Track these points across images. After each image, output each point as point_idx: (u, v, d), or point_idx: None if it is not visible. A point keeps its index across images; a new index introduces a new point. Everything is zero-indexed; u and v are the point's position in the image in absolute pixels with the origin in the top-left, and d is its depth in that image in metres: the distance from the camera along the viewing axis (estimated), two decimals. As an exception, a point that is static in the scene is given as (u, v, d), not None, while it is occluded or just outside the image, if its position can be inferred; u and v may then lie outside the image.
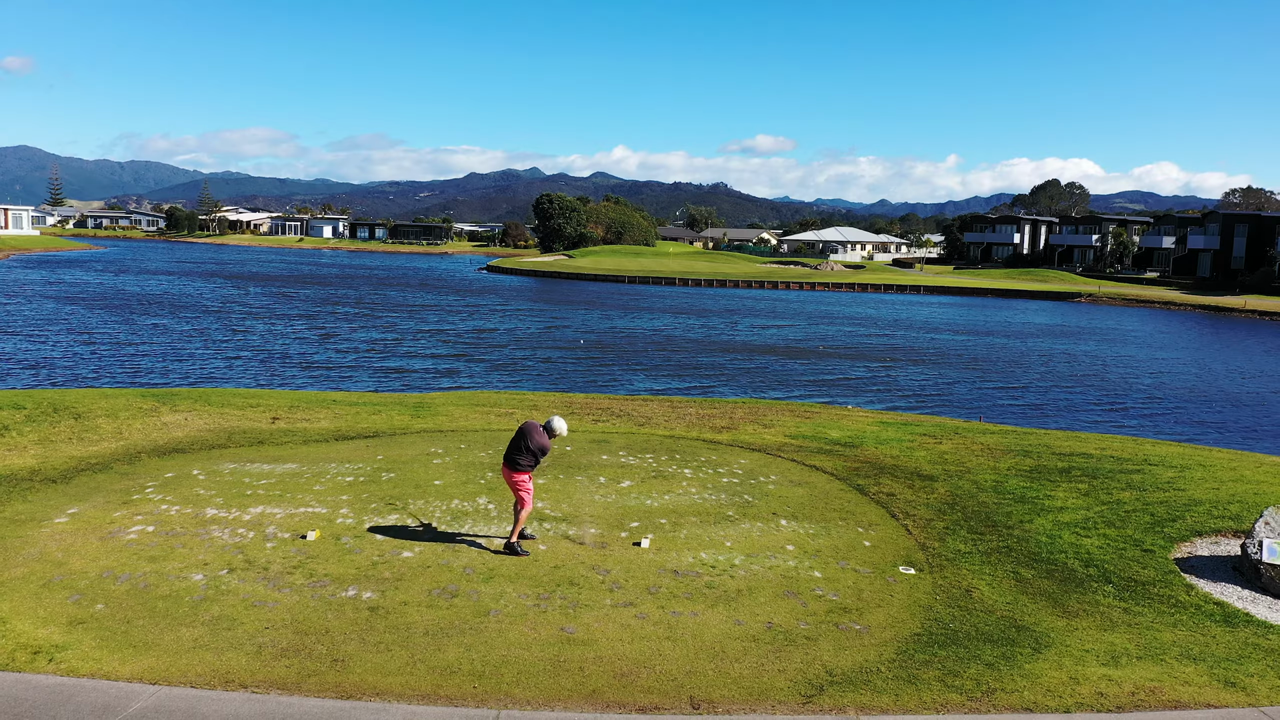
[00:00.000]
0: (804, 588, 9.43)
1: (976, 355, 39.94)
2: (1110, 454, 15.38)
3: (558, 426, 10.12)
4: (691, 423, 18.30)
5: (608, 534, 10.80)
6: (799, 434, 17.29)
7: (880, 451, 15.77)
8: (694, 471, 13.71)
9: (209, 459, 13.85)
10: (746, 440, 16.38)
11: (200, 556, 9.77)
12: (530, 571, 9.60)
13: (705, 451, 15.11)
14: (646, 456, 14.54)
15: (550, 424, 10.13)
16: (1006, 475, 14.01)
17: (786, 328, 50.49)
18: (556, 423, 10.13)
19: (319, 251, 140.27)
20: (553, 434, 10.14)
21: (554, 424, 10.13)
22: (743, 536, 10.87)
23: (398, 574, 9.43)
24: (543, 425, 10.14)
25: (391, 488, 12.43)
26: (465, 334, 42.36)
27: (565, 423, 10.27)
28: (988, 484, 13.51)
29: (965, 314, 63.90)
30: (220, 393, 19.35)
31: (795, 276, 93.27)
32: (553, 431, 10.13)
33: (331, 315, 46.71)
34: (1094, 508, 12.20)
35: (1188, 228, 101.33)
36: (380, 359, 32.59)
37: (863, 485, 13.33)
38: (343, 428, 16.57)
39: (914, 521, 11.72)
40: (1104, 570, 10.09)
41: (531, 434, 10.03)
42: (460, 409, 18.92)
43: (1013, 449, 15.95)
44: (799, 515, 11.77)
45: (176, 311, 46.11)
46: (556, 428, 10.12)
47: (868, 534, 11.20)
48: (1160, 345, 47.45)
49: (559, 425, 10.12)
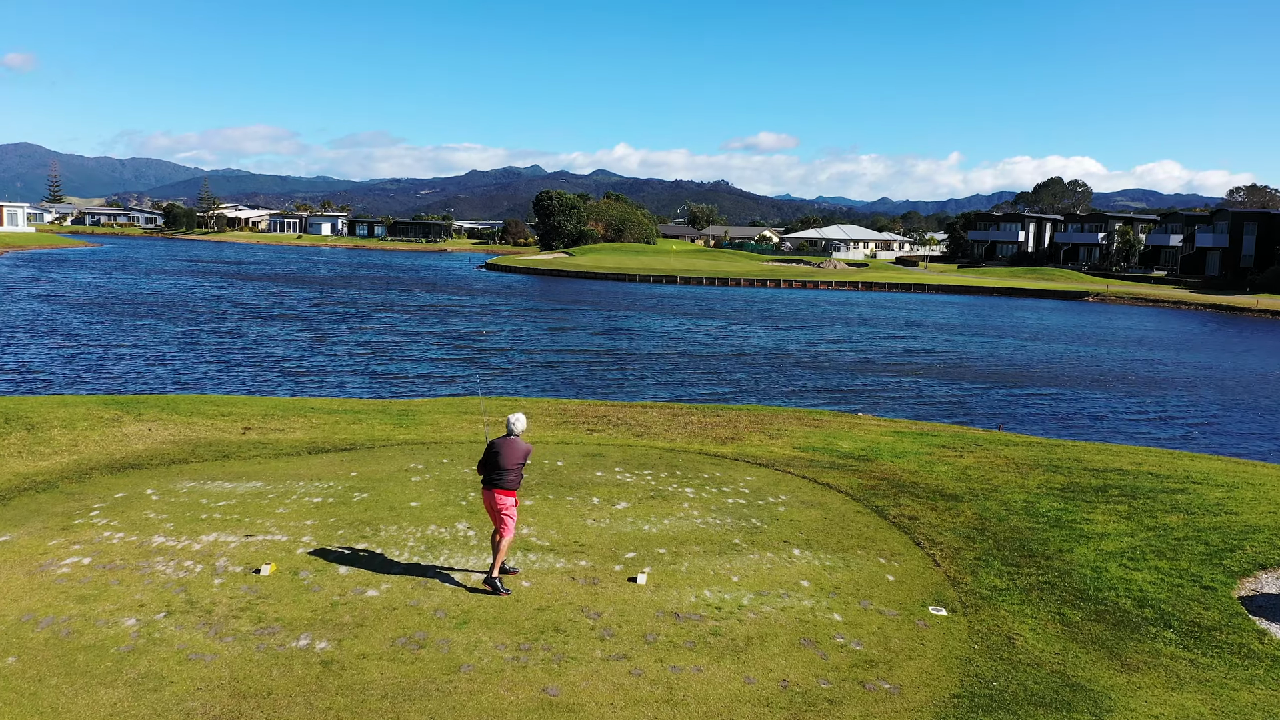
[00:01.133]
0: (823, 634, 8.26)
1: (990, 358, 38.56)
2: (1148, 470, 14.21)
3: (517, 425, 9.03)
4: (693, 433, 17.14)
5: (600, 567, 9.63)
6: (808, 446, 16.12)
7: (897, 466, 14.60)
8: (696, 491, 12.55)
9: (166, 476, 12.69)
10: (753, 453, 15.21)
11: (137, 596, 8.61)
12: (511, 614, 8.44)
13: (708, 467, 13.94)
14: (645, 473, 13.37)
15: (509, 424, 9.04)
16: (1037, 494, 12.83)
17: (795, 329, 49.29)
18: (515, 421, 9.03)
19: (317, 249, 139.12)
20: (513, 431, 9.06)
21: (513, 423, 9.04)
22: (751, 570, 9.70)
23: (359, 617, 8.27)
24: (507, 431, 9.06)
25: (362, 510, 11.27)
26: (460, 336, 41.21)
27: (524, 417, 9.16)
28: (1018, 505, 12.34)
29: (974, 314, 62.64)
30: (191, 400, 18.18)
31: (798, 275, 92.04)
32: (513, 430, 9.04)
33: (324, 316, 45.54)
34: (1139, 534, 11.03)
35: (1195, 226, 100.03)
36: (372, 363, 31.42)
37: (881, 507, 12.16)
38: (318, 439, 15.41)
39: (941, 550, 10.55)
40: (1161, 611, 8.92)
41: (506, 449, 8.92)
42: (447, 417, 17.76)
43: (1041, 463, 14.77)
44: (813, 543, 10.60)
45: (163, 312, 44.95)
46: (516, 426, 9.03)
47: (891, 566, 10.03)
48: (1180, 347, 46.02)
49: (518, 422, 9.04)
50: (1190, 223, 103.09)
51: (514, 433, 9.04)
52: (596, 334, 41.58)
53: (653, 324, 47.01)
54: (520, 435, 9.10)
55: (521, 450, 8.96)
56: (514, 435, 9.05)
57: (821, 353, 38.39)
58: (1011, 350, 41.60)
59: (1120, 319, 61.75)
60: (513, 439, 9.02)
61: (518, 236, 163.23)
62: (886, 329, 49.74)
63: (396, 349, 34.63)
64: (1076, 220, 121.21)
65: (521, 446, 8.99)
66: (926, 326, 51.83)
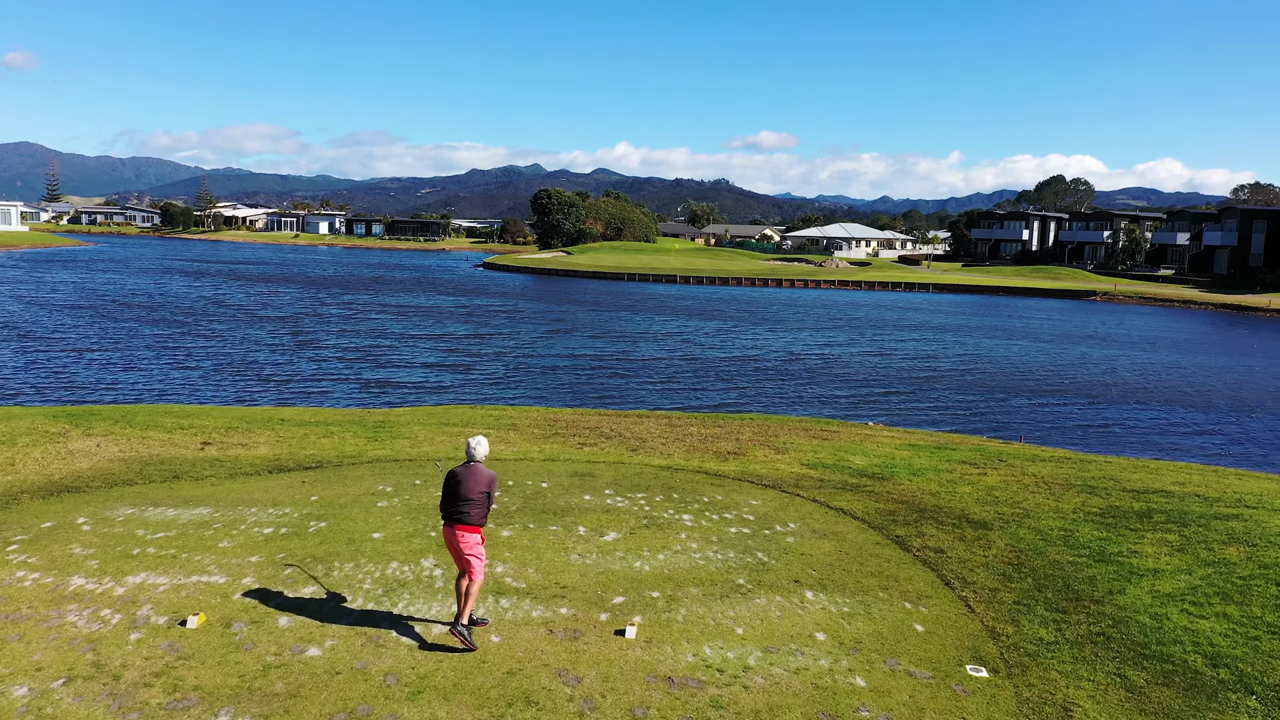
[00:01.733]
0: (844, 706, 6.96)
1: (1004, 362, 36.96)
2: (1193, 491, 12.89)
3: (478, 450, 7.85)
4: (692, 446, 15.84)
5: (583, 615, 8.33)
6: (818, 462, 14.82)
7: (916, 487, 13.30)
8: (695, 518, 11.23)
9: (105, 501, 11.39)
10: (757, 471, 13.90)
11: (37, 656, 7.31)
12: (475, 680, 7.14)
13: (709, 488, 12.63)
14: (638, 496, 12.06)
15: (469, 449, 7.86)
16: (1075, 521, 11.52)
17: (800, 331, 47.98)
18: (476, 446, 7.85)
19: (314, 248, 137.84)
20: (474, 458, 7.85)
21: (473, 448, 7.86)
22: (758, 618, 8.40)
23: (294, 685, 6.97)
24: (468, 457, 7.82)
25: (317, 544, 9.96)
26: (453, 339, 39.93)
27: (485, 441, 7.93)
28: (1054, 534, 11.03)
29: (982, 315, 61.22)
30: (150, 411, 16.87)
31: (800, 274, 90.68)
32: (474, 456, 7.84)
33: (314, 318, 44.22)
34: (1197, 570, 9.72)
35: (1203, 224, 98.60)
36: (358, 368, 30.11)
37: (902, 537, 10.84)
38: (283, 456, 14.12)
39: (974, 592, 9.24)
40: (1239, 672, 7.61)
41: (468, 478, 7.66)
42: (426, 429, 16.46)
43: (1073, 483, 13.46)
44: (828, 583, 9.30)
45: (147, 314, 43.64)
46: (477, 452, 7.85)
47: (918, 612, 8.72)
48: (1198, 349, 44.37)
49: (479, 447, 7.86)
50: (1197, 221, 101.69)
51: (475, 459, 7.80)
52: (595, 337, 40.26)
53: (653, 326, 45.67)
54: (483, 461, 7.84)
55: (484, 479, 7.70)
56: (475, 462, 7.80)
57: (827, 356, 37.02)
58: (1025, 353, 40.08)
59: (1132, 319, 60.35)
60: (474, 466, 7.76)
61: (517, 235, 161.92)
62: (894, 331, 48.37)
63: (385, 353, 33.31)
64: (1081, 218, 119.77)
65: (484, 474, 7.73)
66: (935, 328, 50.44)
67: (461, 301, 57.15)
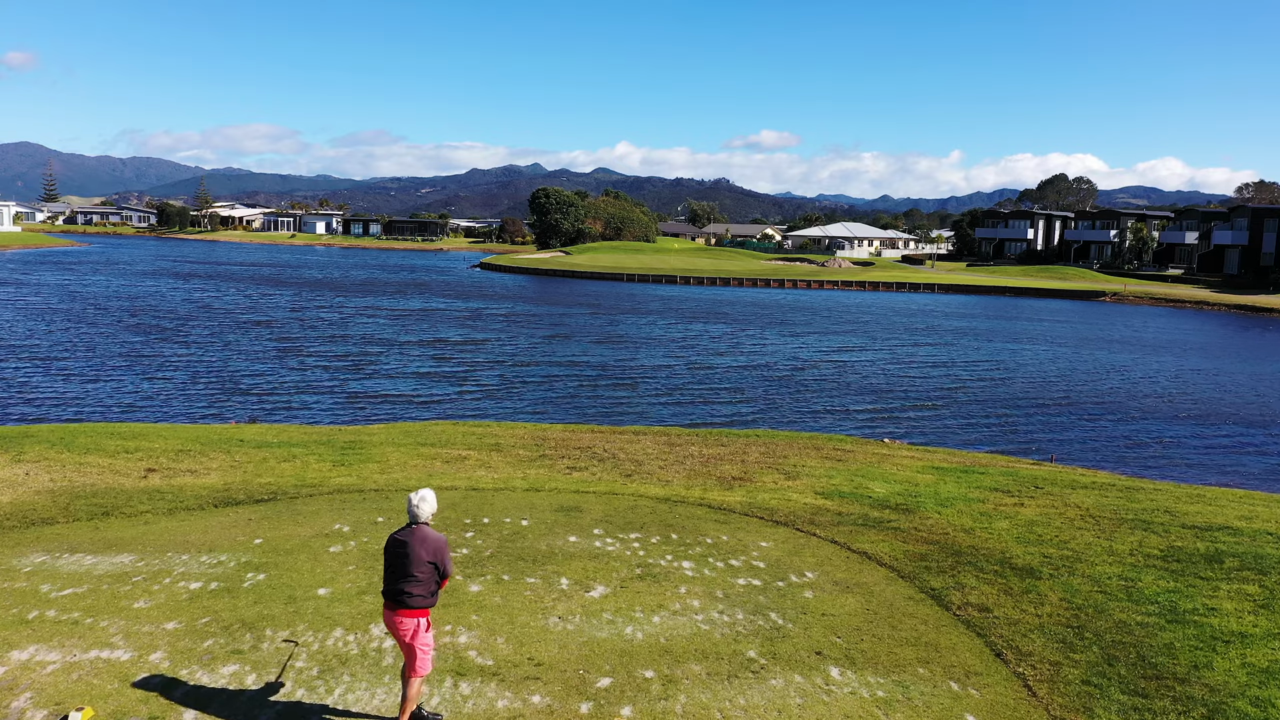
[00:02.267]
0: (890, 846, 5.42)
1: (1023, 369, 34.88)
2: (1263, 528, 11.37)
3: (422, 509, 6.20)
4: (694, 470, 14.32)
5: (560, 706, 6.80)
6: (834, 490, 13.30)
7: (946, 521, 11.76)
8: (697, 565, 9.70)
9: (17, 545, 9.87)
10: (767, 503, 12.37)
11: None
12: (417, 807, 5.60)
13: (713, 526, 11.09)
14: (631, 537, 10.53)
15: (410, 508, 6.22)
16: (1134, 567, 10.00)
17: (805, 335, 46.44)
18: (419, 504, 6.21)
19: (311, 248, 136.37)
20: (417, 519, 6.21)
21: (415, 506, 6.21)
22: (774, 708, 6.86)
23: (184, 818, 5.44)
24: (410, 519, 6.23)
25: (251, 603, 8.43)
26: (445, 346, 38.43)
27: (432, 496, 6.31)
28: (1114, 584, 9.50)
29: (992, 317, 59.51)
30: (93, 432, 15.33)
31: (802, 274, 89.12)
32: (417, 517, 6.21)
33: (301, 323, 42.66)
34: (1292, 635, 8.18)
35: (1212, 223, 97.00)
36: (340, 378, 28.56)
37: (939, 590, 9.31)
38: (234, 485, 12.60)
39: (1033, 667, 7.70)
40: (1380, 788, 6.07)
41: (412, 547, 6.11)
42: (400, 451, 14.94)
43: (1123, 516, 11.93)
44: (856, 656, 7.76)
45: (126, 318, 42.09)
46: (421, 511, 6.20)
47: (968, 696, 7.18)
48: (1225, 354, 42.16)
49: (423, 505, 6.21)
50: (1207, 220, 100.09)
51: (418, 520, 6.21)
52: (592, 343, 38.67)
53: (654, 331, 44.06)
54: (429, 522, 6.27)
55: (431, 547, 6.16)
56: (419, 524, 6.23)
57: (838, 364, 35.35)
58: (1045, 360, 38.04)
59: (1148, 321, 58.67)
60: (419, 530, 6.20)
61: (515, 235, 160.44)
62: (905, 335, 46.68)
63: (372, 361, 31.77)
64: (1087, 217, 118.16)
65: (431, 541, 6.18)
66: (947, 332, 48.73)
67: (455, 304, 55.62)
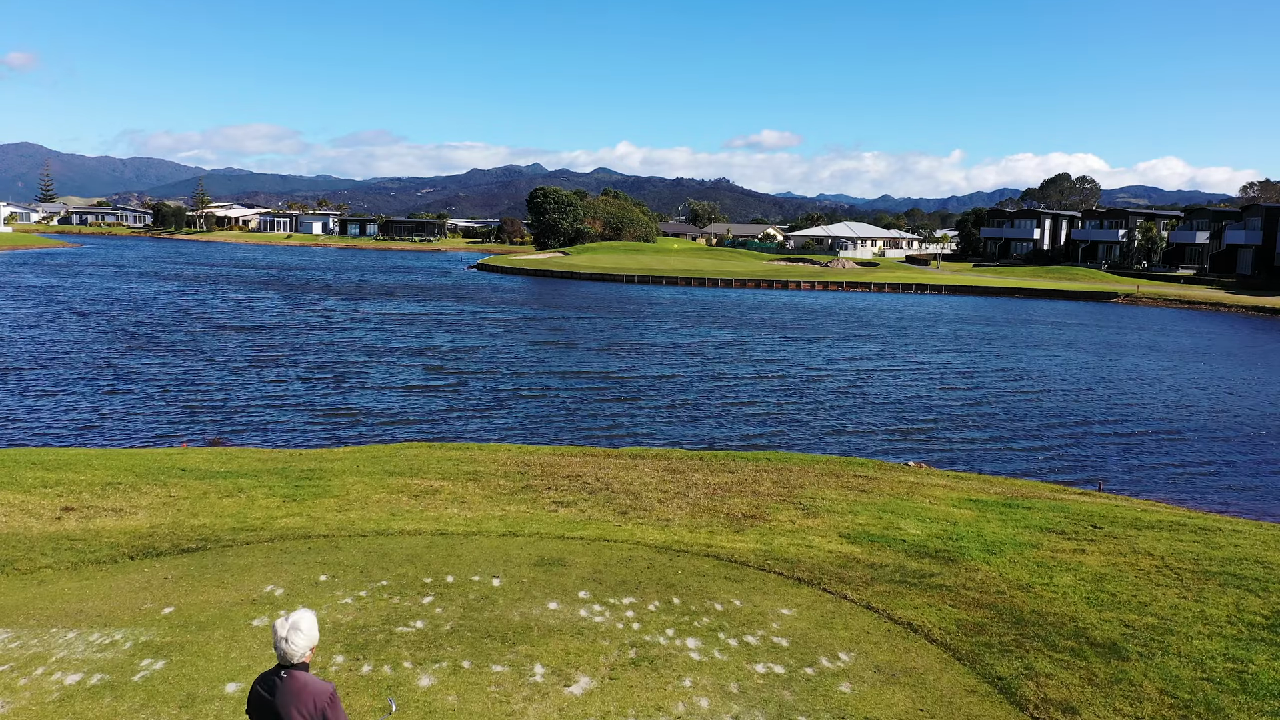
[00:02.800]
0: None
1: (1050, 379, 32.41)
2: (1380, 585, 9.52)
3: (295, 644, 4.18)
4: (698, 505, 12.49)
5: None
6: (861, 531, 11.46)
7: (998, 574, 9.92)
8: (705, 645, 7.86)
9: None
10: (785, 550, 10.52)
11: None
12: None
13: (722, 587, 9.25)
14: (624, 604, 8.69)
15: (277, 643, 4.19)
16: (1239, 641, 8.17)
17: (811, 342, 44.52)
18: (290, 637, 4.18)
19: (307, 248, 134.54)
20: (289, 660, 4.22)
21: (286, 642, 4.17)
22: None
23: None
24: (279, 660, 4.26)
25: (136, 707, 6.60)
26: (433, 354, 36.57)
27: (311, 618, 4.34)
28: (1219, 667, 7.67)
29: (1004, 321, 57.48)
30: (13, 460, 13.48)
31: (805, 275, 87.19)
32: (289, 657, 4.20)
33: (285, 329, 40.75)
34: None
35: (1224, 222, 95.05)
36: (320, 389, 26.69)
37: (1007, 680, 7.46)
38: (160, 528, 10.77)
39: (1148, 804, 5.87)
40: None
41: (289, 703, 4.18)
42: (362, 484, 13.10)
43: (1206, 567, 10.10)
44: (915, 787, 5.92)
45: (101, 323, 40.19)
46: (294, 647, 4.18)
47: None
48: (1257, 361, 39.40)
49: (296, 640, 4.19)
50: (1218, 219, 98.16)
51: (291, 660, 4.24)
52: (590, 351, 36.74)
53: (656, 337, 42.05)
54: (307, 659, 4.32)
55: (310, 702, 4.19)
56: (293, 668, 4.25)
57: (852, 373, 33.30)
58: (1071, 368, 35.57)
59: (1166, 324, 56.58)
60: (294, 679, 4.23)
61: (514, 235, 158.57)
62: (917, 340, 44.59)
63: (355, 372, 29.86)
64: (1095, 216, 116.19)
65: (311, 691, 4.20)
66: (959, 337, 46.71)
67: (448, 308, 53.73)
